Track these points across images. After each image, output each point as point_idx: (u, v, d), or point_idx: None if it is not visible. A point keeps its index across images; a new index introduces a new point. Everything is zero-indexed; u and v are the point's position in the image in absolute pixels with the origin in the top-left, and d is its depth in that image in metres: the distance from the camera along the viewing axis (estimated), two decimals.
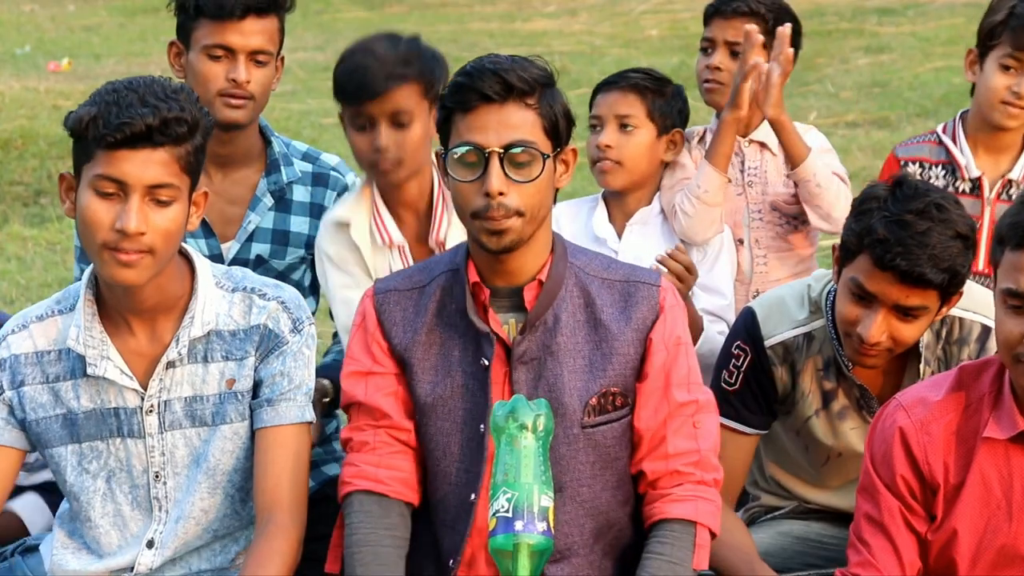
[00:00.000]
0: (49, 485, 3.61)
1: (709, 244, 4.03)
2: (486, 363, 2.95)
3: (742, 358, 3.37)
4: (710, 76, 4.11)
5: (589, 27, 12.99)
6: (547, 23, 13.30)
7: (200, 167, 2.91)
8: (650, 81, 4.02)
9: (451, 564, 2.97)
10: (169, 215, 2.86)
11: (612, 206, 4.10)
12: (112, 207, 2.83)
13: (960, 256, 3.09)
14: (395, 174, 3.61)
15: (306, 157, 4.00)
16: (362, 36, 3.73)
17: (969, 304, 3.31)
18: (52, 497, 3.61)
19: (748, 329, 3.37)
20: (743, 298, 4.05)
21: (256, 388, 3.02)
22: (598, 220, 4.08)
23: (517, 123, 2.89)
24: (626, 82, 4.02)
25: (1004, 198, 4.05)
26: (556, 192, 2.99)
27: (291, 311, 3.03)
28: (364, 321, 3.05)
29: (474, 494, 2.95)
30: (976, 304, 3.31)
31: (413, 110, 3.57)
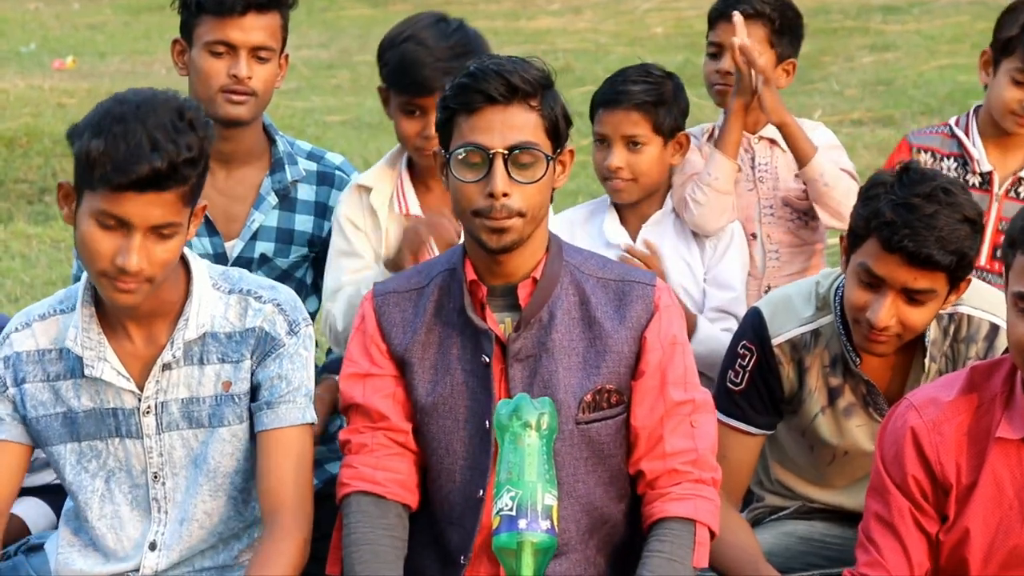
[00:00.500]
0: (51, 488, 3.61)
1: (719, 237, 4.03)
2: (487, 360, 2.96)
3: (748, 358, 3.36)
4: (720, 81, 4.11)
5: (594, 25, 12.98)
6: (551, 21, 13.29)
7: (202, 187, 2.89)
8: (651, 92, 3.98)
9: (462, 561, 2.97)
10: (170, 246, 2.85)
11: (624, 210, 4.10)
12: (113, 240, 2.81)
13: (968, 240, 3.10)
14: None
15: (311, 156, 4.00)
16: (409, 17, 3.74)
17: (977, 302, 3.31)
18: (54, 499, 3.60)
19: (755, 328, 3.36)
20: (755, 293, 4.06)
21: (255, 391, 3.01)
22: (610, 226, 4.08)
23: (521, 124, 2.90)
24: (628, 100, 3.97)
25: (1012, 195, 4.06)
26: (553, 191, 3.00)
27: (287, 313, 3.02)
28: (363, 323, 3.06)
29: (482, 490, 2.96)
30: (985, 302, 3.31)
31: None
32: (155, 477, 3.02)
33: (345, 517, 3.00)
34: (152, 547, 3.03)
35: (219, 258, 3.79)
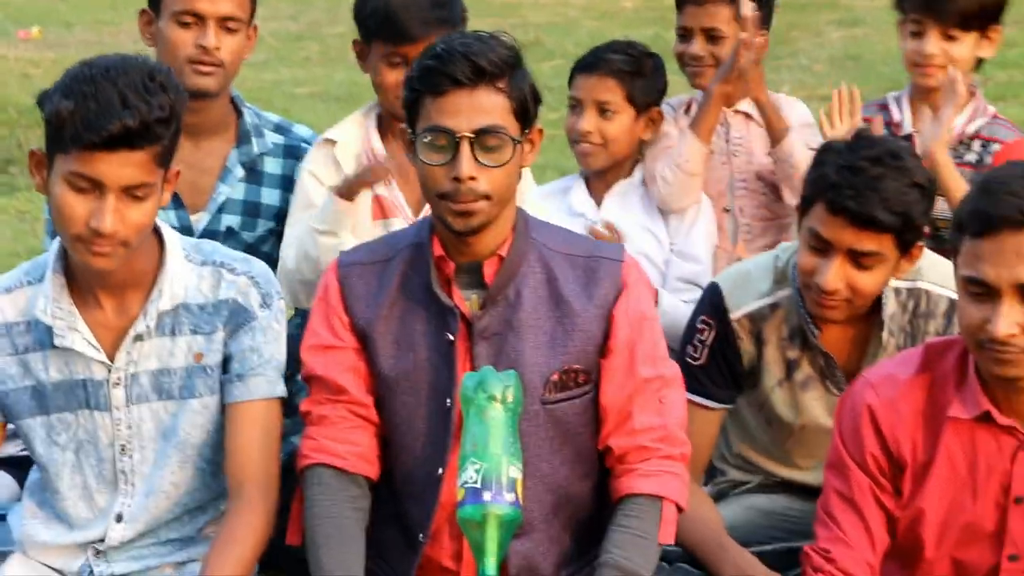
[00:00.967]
0: (14, 460, 3.60)
1: (686, 210, 4.06)
2: (451, 338, 2.95)
3: (707, 332, 3.38)
4: (692, 63, 4.14)
5: None
6: None
7: (175, 150, 2.88)
8: (629, 63, 4.03)
9: (420, 539, 2.98)
10: (144, 208, 2.84)
11: (592, 181, 4.13)
12: (87, 202, 2.80)
13: (917, 204, 3.12)
14: None
15: (278, 129, 3.99)
16: None
17: (937, 278, 3.33)
18: (17, 472, 3.59)
19: (713, 303, 3.38)
20: (725, 266, 4.07)
21: (226, 363, 3.01)
22: (576, 196, 4.11)
23: (488, 107, 2.88)
24: (606, 67, 4.03)
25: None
26: (521, 170, 2.99)
27: (260, 286, 3.02)
28: (327, 294, 3.04)
29: (441, 468, 2.95)
30: (944, 278, 3.32)
31: None
32: (122, 450, 3.02)
33: (307, 489, 3.00)
34: (118, 519, 3.03)
35: (185, 231, 3.77)
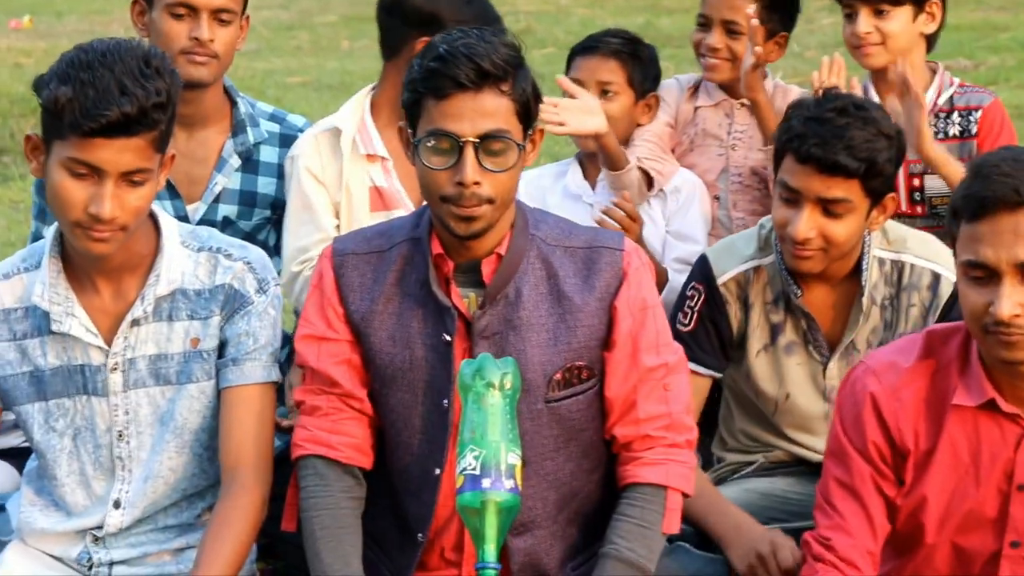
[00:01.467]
0: (15, 451, 3.60)
1: (680, 191, 4.06)
2: (448, 338, 2.92)
3: (696, 298, 3.44)
4: (708, 54, 4.13)
5: None
6: None
7: (172, 134, 2.88)
8: (629, 47, 4.07)
9: (420, 538, 2.97)
10: (142, 193, 2.84)
11: (588, 164, 4.14)
12: (85, 188, 2.80)
13: (882, 152, 3.21)
14: None
15: (272, 118, 4.00)
16: None
17: (920, 251, 3.40)
18: (19, 462, 3.60)
19: (702, 270, 3.45)
20: None
21: (221, 348, 3.02)
22: (572, 178, 4.13)
23: (492, 111, 2.83)
24: (607, 48, 4.06)
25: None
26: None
27: (257, 272, 3.02)
28: (321, 282, 3.01)
29: (439, 468, 2.94)
30: (929, 252, 3.40)
31: None
32: (120, 436, 3.02)
33: (302, 480, 3.00)
34: (116, 505, 3.04)
35: (181, 221, 3.78)
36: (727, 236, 4.11)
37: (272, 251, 3.96)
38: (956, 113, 4.03)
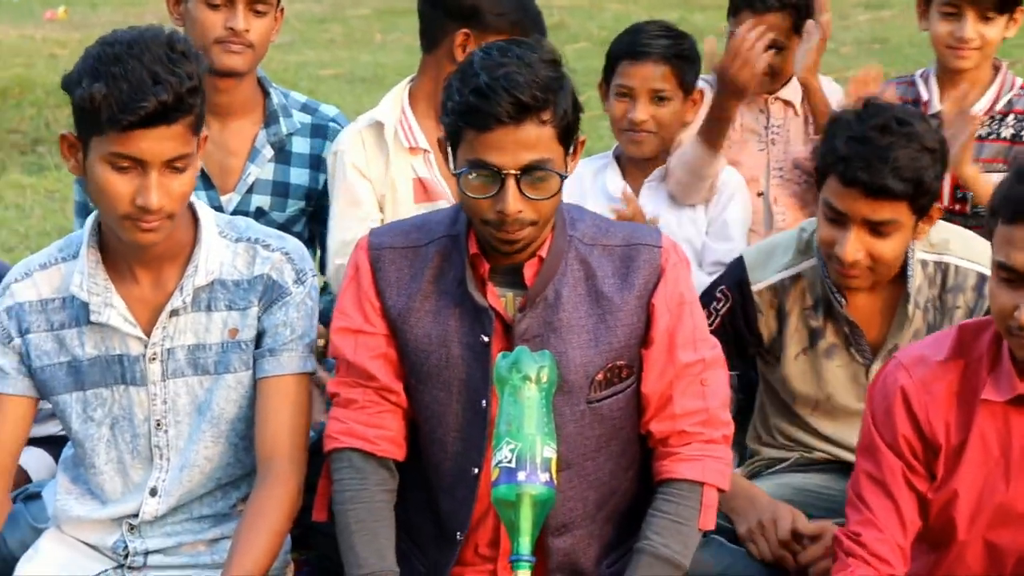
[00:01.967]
0: (51, 439, 3.62)
1: (721, 189, 4.02)
2: (486, 339, 2.91)
3: (723, 303, 3.42)
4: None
5: None
6: None
7: (204, 116, 2.89)
8: (676, 47, 3.97)
9: (458, 537, 2.97)
10: (185, 179, 2.86)
11: (629, 164, 4.08)
12: (130, 181, 2.81)
13: (928, 169, 3.14)
14: None
15: (305, 108, 4.00)
16: None
17: (965, 252, 3.36)
18: (56, 450, 3.61)
19: (736, 275, 3.42)
20: None
21: (259, 338, 3.02)
22: (611, 180, 4.06)
23: (533, 142, 2.79)
24: (656, 53, 3.94)
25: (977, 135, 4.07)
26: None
27: (295, 262, 3.03)
28: (357, 275, 3.00)
29: (477, 468, 2.93)
30: (973, 252, 3.35)
31: None
32: (157, 425, 3.03)
33: (336, 472, 3.00)
34: (152, 493, 3.05)
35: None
36: (767, 236, 4.11)
37: (307, 243, 3.96)
38: (1012, 116, 4.03)
